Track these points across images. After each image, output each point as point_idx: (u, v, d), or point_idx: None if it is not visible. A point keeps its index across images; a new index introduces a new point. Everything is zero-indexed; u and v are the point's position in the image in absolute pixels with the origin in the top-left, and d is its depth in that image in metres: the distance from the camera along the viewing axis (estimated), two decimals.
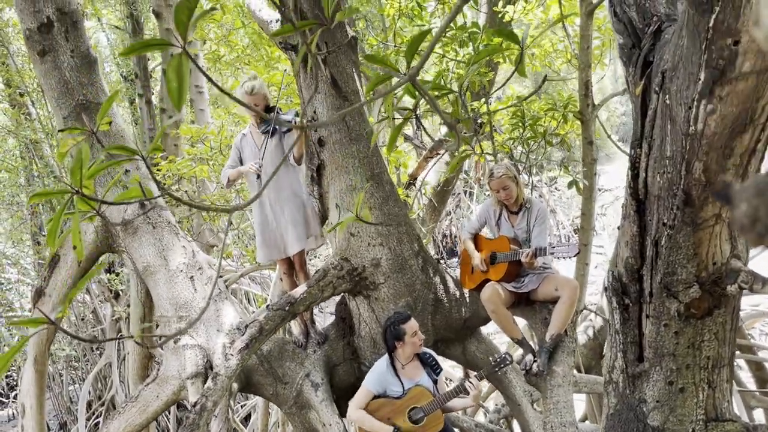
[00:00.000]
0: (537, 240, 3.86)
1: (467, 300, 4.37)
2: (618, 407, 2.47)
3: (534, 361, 3.82)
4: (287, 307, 3.90)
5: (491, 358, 3.79)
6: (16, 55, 9.75)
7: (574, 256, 3.72)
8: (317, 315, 9.25)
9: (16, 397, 11.23)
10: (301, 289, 4.00)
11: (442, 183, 7.80)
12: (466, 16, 5.89)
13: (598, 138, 5.28)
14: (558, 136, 5.05)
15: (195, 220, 8.36)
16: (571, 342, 3.90)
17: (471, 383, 3.51)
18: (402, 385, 3.61)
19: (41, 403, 5.56)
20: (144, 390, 4.34)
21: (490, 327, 4.87)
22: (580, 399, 6.55)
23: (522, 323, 4.42)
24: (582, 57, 4.66)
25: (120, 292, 9.80)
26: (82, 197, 1.00)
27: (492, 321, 4.11)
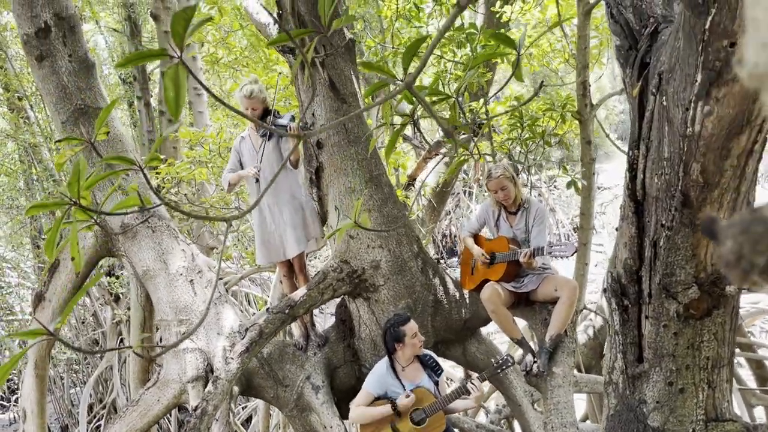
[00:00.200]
0: (536, 240, 3.86)
1: (467, 301, 4.38)
2: (618, 408, 2.47)
3: (534, 362, 3.82)
4: (287, 311, 3.91)
5: (493, 359, 3.79)
6: (14, 59, 9.75)
7: (571, 255, 3.72)
8: (317, 316, 9.26)
9: (17, 401, 11.22)
10: (301, 292, 4.00)
11: (441, 184, 7.79)
12: (463, 17, 5.89)
13: (596, 136, 5.28)
14: (556, 136, 5.04)
15: (194, 222, 8.37)
16: (571, 342, 3.90)
17: (473, 384, 3.50)
18: (403, 387, 3.61)
19: (42, 407, 5.56)
20: (145, 393, 4.35)
21: (489, 327, 4.87)
22: (580, 398, 6.56)
23: (522, 324, 4.42)
24: (579, 57, 4.66)
25: (120, 295, 9.80)
26: (80, 208, 1.01)
27: (492, 321, 4.12)
